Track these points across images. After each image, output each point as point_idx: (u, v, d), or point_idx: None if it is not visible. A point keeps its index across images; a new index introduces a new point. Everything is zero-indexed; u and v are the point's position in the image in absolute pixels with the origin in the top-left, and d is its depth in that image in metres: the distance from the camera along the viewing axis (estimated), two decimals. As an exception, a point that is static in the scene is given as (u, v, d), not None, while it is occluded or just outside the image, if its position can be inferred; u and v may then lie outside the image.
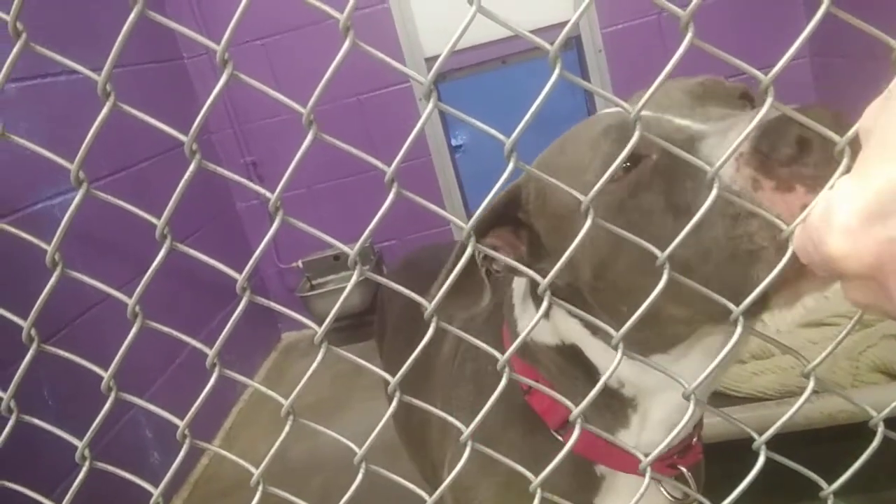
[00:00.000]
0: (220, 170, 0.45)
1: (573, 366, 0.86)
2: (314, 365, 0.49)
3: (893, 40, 0.48)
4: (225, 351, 0.53)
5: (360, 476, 0.55)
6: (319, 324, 0.51)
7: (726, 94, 0.73)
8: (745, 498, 0.56)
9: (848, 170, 0.44)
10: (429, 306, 0.51)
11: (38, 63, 2.25)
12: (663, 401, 0.83)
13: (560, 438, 0.87)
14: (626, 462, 0.87)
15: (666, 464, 0.88)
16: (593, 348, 0.84)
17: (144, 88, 3.00)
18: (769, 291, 0.55)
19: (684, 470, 0.88)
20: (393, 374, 0.58)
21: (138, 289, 0.48)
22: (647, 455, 0.62)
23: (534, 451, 0.88)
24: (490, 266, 0.81)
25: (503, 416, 0.93)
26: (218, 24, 3.39)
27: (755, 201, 0.53)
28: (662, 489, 0.88)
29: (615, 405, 0.86)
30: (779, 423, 0.55)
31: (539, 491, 0.58)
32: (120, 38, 0.39)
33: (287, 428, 0.53)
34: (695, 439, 0.92)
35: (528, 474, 0.59)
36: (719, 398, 1.74)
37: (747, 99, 0.74)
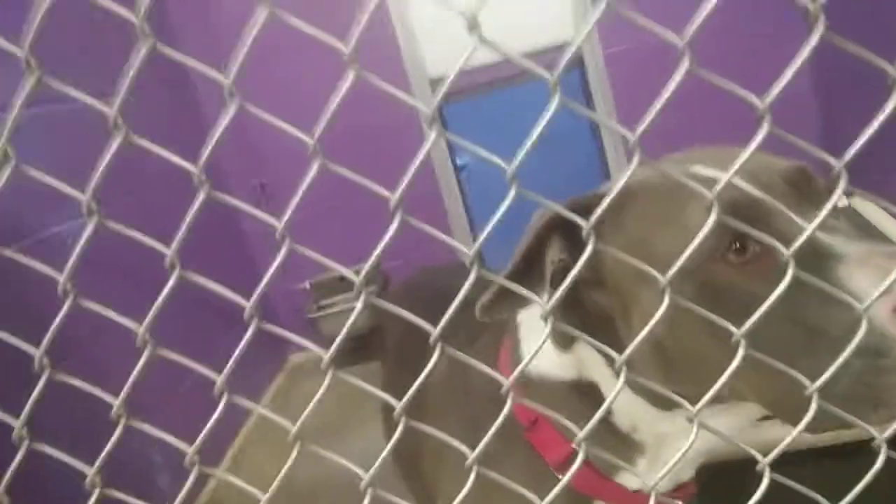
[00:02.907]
0: (228, 198, 0.46)
1: (585, 405, 0.81)
2: (321, 391, 0.50)
3: (890, 66, 0.49)
4: (232, 374, 0.53)
5: (367, 501, 0.55)
6: (328, 344, 0.52)
7: (819, 192, 0.72)
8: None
9: None
10: (433, 331, 0.52)
11: (48, 89, 2.27)
12: (675, 448, 0.81)
13: (560, 477, 0.86)
14: (626, 497, 0.86)
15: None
16: (613, 389, 0.81)
17: (152, 110, 3.02)
18: None
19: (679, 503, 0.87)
20: (392, 396, 0.58)
21: (147, 319, 0.49)
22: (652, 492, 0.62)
23: (533, 489, 0.88)
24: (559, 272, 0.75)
25: (501, 452, 0.88)
26: (225, 39, 3.41)
27: None
28: None
29: (623, 448, 0.84)
30: (783, 445, 0.55)
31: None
32: (130, 74, 0.40)
33: (294, 454, 0.53)
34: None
35: (535, 498, 0.59)
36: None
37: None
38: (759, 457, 0.55)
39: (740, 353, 0.51)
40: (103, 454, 0.55)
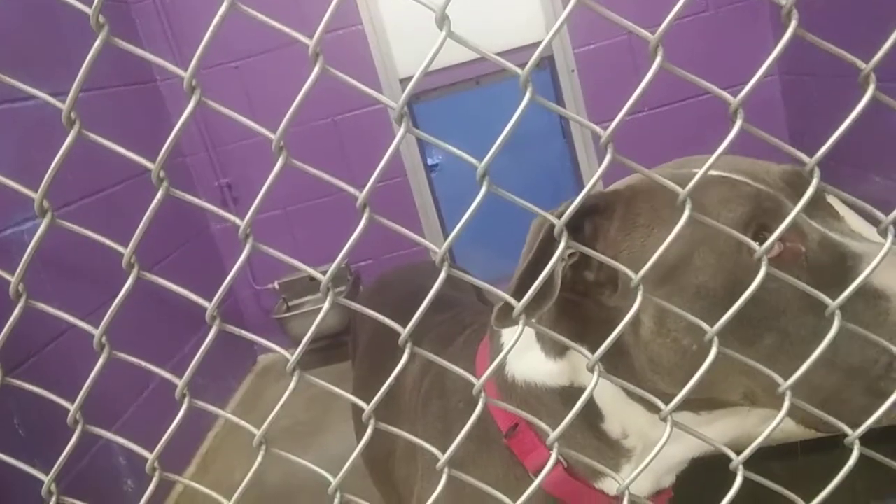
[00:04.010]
0: (188, 197, 0.45)
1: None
2: (286, 394, 0.49)
3: (860, 60, 0.49)
4: (199, 375, 0.52)
5: (335, 506, 0.54)
6: (296, 345, 0.50)
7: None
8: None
9: None
10: (403, 331, 0.51)
11: (8, 87, 2.22)
12: (662, 455, 0.81)
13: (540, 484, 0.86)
14: (601, 502, 0.86)
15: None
16: (607, 394, 0.81)
17: (116, 111, 2.97)
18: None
19: None
20: (360, 399, 0.57)
21: (104, 321, 0.47)
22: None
23: (511, 495, 0.87)
24: (568, 272, 0.74)
25: (478, 457, 0.88)
26: (190, 44, 3.38)
27: None
28: None
29: (610, 454, 0.84)
30: (756, 443, 0.55)
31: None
32: (84, 66, 0.38)
33: (259, 458, 0.52)
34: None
35: (506, 501, 0.58)
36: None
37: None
38: (732, 455, 0.54)
39: (713, 351, 0.51)
40: (59, 462, 0.53)
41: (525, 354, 0.89)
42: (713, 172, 0.71)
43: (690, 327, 0.68)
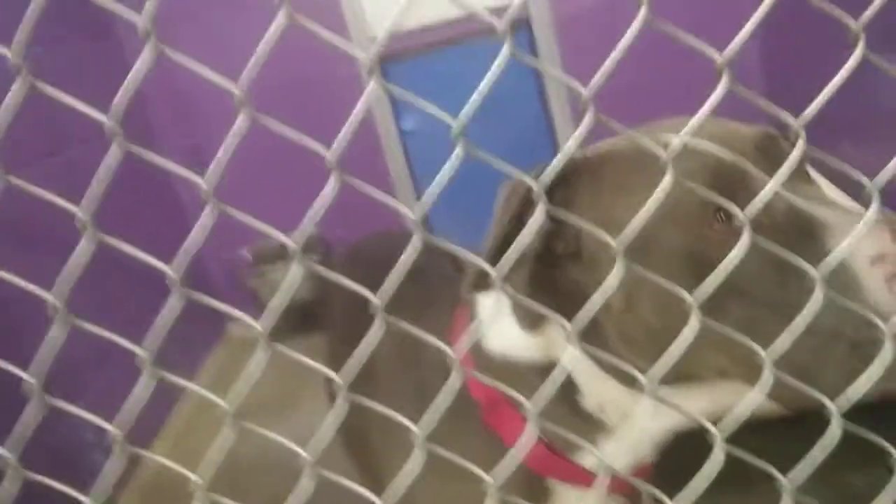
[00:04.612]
0: (146, 153, 0.42)
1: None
2: (253, 363, 0.46)
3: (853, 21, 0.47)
4: (169, 348, 0.49)
5: (305, 480, 0.52)
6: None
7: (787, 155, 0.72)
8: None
9: None
10: (375, 300, 0.49)
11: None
12: (639, 429, 0.80)
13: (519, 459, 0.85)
14: (581, 476, 0.85)
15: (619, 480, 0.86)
16: (586, 370, 0.80)
17: (76, 68, 2.86)
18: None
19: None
20: (335, 371, 0.55)
21: (56, 284, 0.44)
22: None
23: (488, 468, 0.86)
24: (536, 241, 0.73)
25: (455, 431, 0.82)
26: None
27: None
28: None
29: (587, 428, 0.82)
30: (733, 415, 0.54)
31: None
32: (31, 7, 0.35)
33: (226, 432, 0.50)
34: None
35: (485, 476, 0.56)
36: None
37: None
38: (712, 428, 0.53)
39: (694, 322, 0.50)
40: (16, 434, 0.51)
41: (501, 328, 0.88)
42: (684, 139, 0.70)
43: (655, 305, 0.68)
